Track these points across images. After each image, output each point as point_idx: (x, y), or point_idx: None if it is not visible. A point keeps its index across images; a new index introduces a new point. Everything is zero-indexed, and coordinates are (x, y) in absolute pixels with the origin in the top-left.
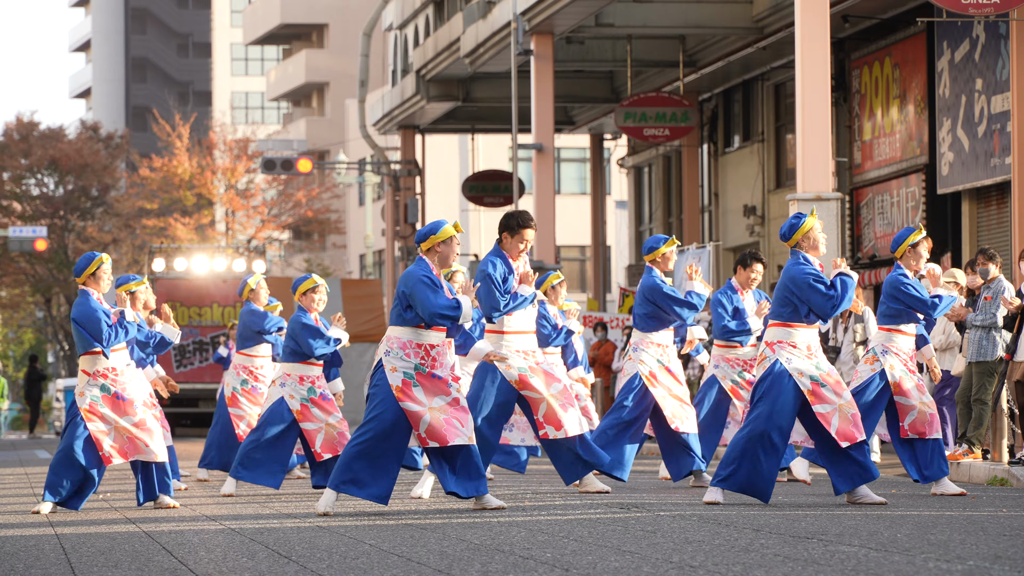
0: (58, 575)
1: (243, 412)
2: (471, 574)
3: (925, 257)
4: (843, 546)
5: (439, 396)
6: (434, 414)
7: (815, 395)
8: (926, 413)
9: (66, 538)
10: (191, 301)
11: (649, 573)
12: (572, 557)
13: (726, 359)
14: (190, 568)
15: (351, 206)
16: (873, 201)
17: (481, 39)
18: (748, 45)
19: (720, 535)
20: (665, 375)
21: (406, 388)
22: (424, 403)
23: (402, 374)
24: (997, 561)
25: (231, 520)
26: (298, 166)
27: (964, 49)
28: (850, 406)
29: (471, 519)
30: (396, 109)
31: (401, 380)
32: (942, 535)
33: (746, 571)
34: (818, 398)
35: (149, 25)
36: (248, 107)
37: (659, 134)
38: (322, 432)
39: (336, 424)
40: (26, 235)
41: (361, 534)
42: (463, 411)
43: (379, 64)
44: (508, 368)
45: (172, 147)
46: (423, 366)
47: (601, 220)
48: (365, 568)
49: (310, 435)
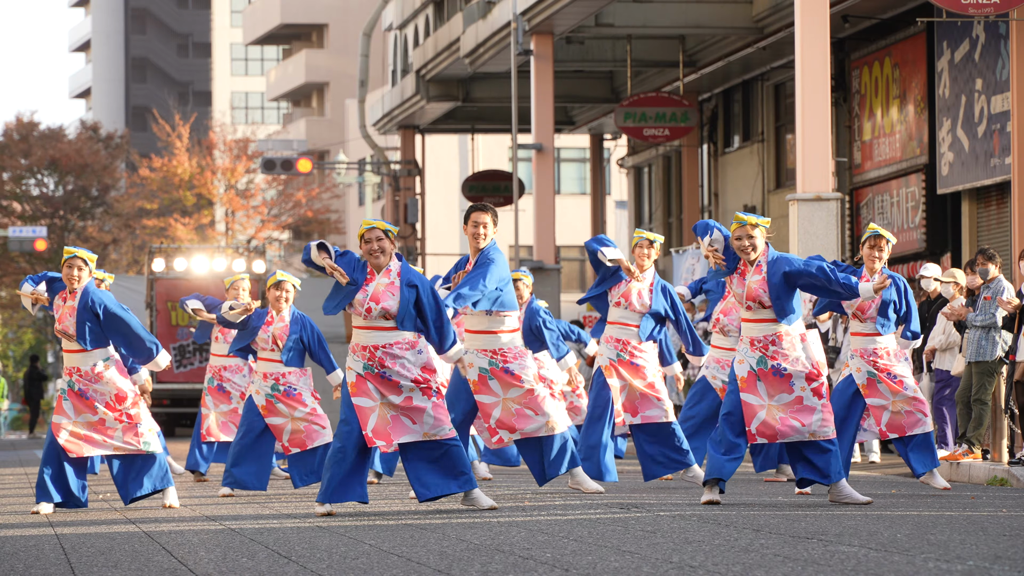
0: (58, 575)
1: None
2: (471, 574)
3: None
4: (843, 546)
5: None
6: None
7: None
8: (901, 411)
9: (66, 538)
10: None
11: (649, 573)
12: (572, 557)
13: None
14: (190, 568)
15: (351, 206)
16: (873, 201)
17: (481, 39)
18: (748, 45)
19: (720, 535)
20: (626, 368)
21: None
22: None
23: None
24: (997, 561)
25: (231, 520)
26: (298, 166)
27: (964, 49)
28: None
29: (471, 519)
30: (396, 109)
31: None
32: (942, 535)
33: (746, 571)
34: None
35: (149, 25)
36: (248, 107)
37: (659, 134)
38: (287, 426)
39: (303, 418)
40: (26, 235)
41: (361, 534)
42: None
43: (379, 64)
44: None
45: (172, 147)
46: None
47: (601, 220)
48: (365, 568)
49: (276, 430)
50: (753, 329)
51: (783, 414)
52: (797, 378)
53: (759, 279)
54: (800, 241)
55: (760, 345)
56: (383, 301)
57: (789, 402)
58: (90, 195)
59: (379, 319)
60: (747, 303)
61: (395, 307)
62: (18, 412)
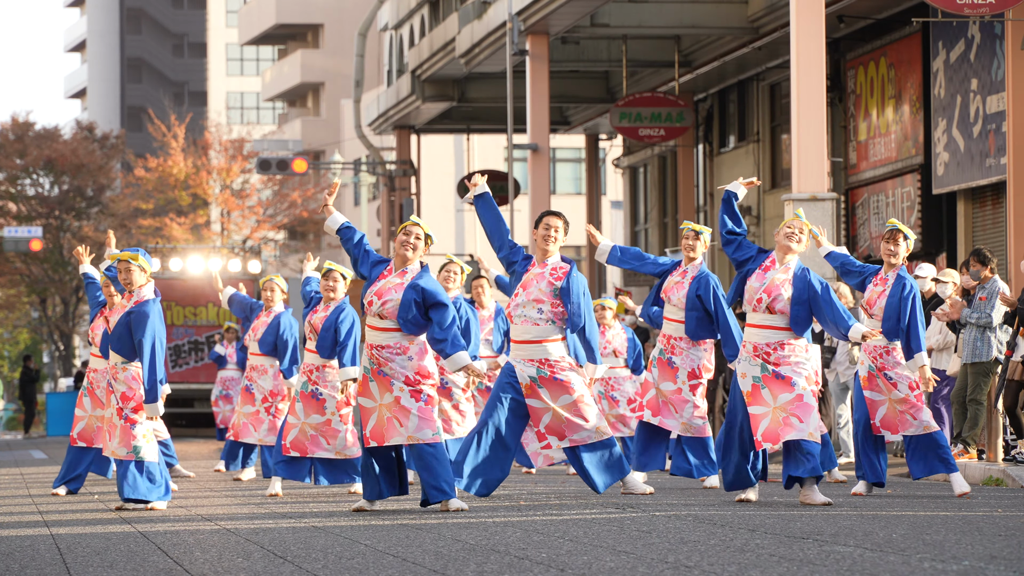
0: (53, 575)
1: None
2: (466, 574)
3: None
4: (838, 546)
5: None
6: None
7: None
8: (896, 411)
9: (61, 538)
10: (186, 301)
11: (645, 573)
12: (567, 557)
13: None
14: (185, 568)
15: (346, 206)
16: (868, 201)
17: (476, 39)
18: (743, 45)
19: (716, 535)
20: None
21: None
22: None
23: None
24: (992, 561)
25: (226, 520)
26: (293, 166)
27: (959, 49)
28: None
29: (466, 519)
30: (391, 109)
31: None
32: (937, 535)
33: (741, 571)
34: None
35: (144, 25)
36: (243, 107)
37: (654, 134)
38: (297, 429)
39: (315, 426)
40: (21, 235)
41: (357, 534)
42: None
43: (374, 64)
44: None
45: (167, 147)
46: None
47: (597, 220)
48: (360, 568)
49: (287, 427)
50: (756, 335)
51: (785, 414)
52: (798, 377)
53: (784, 278)
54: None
55: (762, 352)
56: (384, 296)
57: (791, 400)
58: (86, 195)
59: (376, 318)
60: (756, 299)
61: (393, 306)
62: (13, 412)
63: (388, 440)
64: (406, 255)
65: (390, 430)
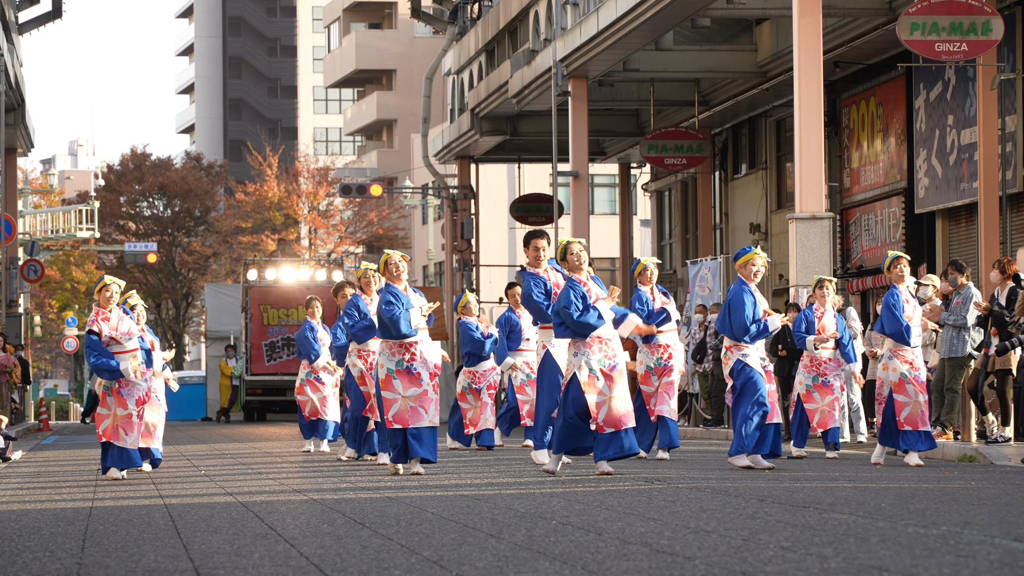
0: (166, 538)
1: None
2: (518, 537)
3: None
4: (835, 514)
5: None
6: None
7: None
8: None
9: (173, 507)
10: (280, 304)
11: (670, 537)
12: (604, 523)
13: None
14: (279, 533)
15: (416, 224)
16: (860, 220)
17: (526, 82)
18: (753, 87)
19: (730, 504)
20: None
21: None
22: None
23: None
24: (967, 527)
25: (314, 492)
26: (370, 191)
27: (938, 90)
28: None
29: (518, 491)
30: (454, 142)
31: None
32: (920, 504)
33: (752, 535)
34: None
35: (244, 71)
36: (328, 140)
37: (677, 163)
38: (397, 403)
39: (412, 398)
40: (139, 250)
41: (424, 503)
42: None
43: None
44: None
45: (263, 175)
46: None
47: (628, 236)
48: (428, 533)
49: (387, 403)
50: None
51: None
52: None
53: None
54: (798, 253)
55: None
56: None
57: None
58: (194, 215)
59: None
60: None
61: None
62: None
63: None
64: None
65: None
